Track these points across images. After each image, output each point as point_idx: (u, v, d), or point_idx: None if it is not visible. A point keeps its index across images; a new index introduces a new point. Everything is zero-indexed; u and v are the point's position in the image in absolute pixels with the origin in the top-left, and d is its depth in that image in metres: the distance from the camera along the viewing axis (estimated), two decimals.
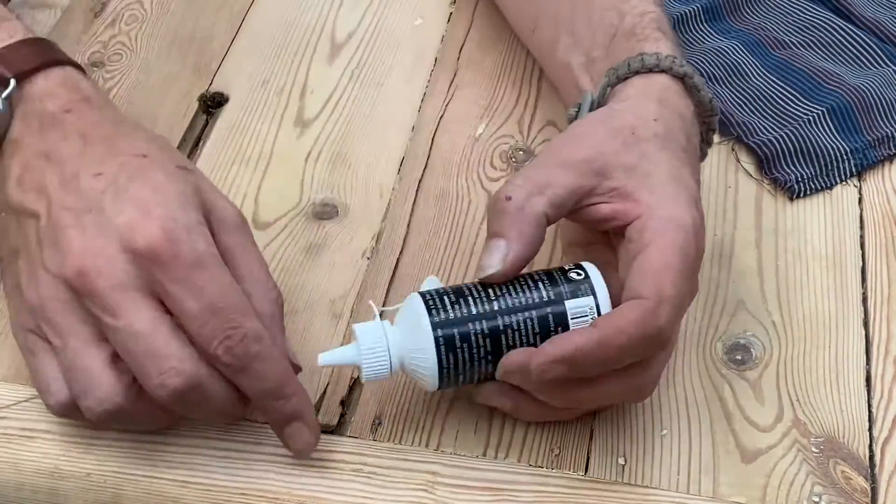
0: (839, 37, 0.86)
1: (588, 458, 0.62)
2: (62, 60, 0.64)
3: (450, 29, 0.88)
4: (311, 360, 0.65)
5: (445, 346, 0.57)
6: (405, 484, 0.60)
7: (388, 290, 0.69)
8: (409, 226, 0.73)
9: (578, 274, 0.57)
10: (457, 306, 0.57)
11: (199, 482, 0.60)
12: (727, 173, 0.78)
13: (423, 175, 0.76)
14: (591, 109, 0.66)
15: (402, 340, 0.58)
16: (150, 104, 0.80)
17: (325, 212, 0.74)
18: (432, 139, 0.79)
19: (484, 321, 0.56)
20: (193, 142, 0.78)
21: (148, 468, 0.60)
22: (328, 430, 0.62)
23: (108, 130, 0.60)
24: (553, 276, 0.58)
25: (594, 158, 0.59)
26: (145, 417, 0.57)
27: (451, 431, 0.63)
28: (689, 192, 0.59)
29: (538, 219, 0.58)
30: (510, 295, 0.57)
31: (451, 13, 0.89)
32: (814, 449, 0.63)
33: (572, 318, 0.56)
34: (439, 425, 0.63)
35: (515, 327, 0.56)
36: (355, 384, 0.65)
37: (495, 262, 0.57)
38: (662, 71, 0.65)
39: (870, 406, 0.65)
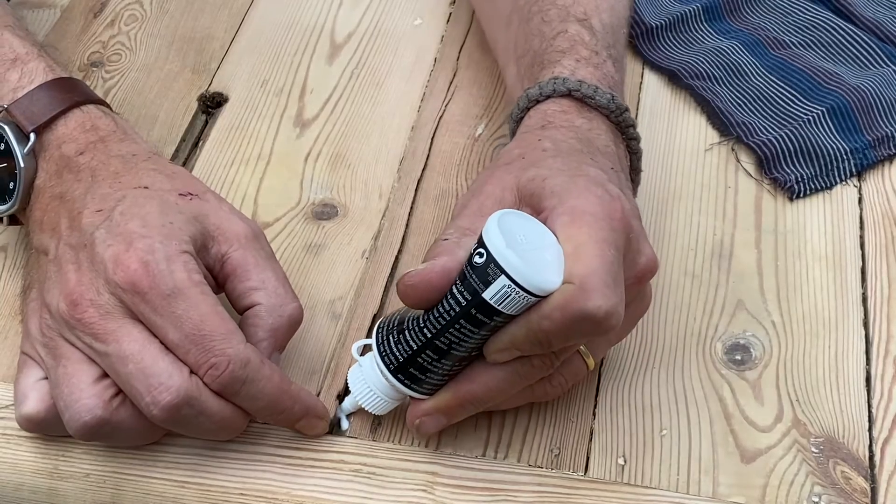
0: (839, 37, 0.86)
1: (588, 458, 0.62)
2: (80, 101, 0.65)
3: (449, 29, 0.88)
4: (309, 362, 0.65)
5: (410, 381, 0.58)
6: (405, 484, 0.60)
7: (386, 290, 0.69)
8: (407, 226, 0.73)
9: (481, 255, 0.55)
10: (400, 346, 0.58)
11: (198, 482, 0.60)
12: (727, 173, 0.78)
13: (422, 175, 0.76)
14: None
15: (379, 381, 0.59)
16: (150, 104, 0.80)
17: (325, 212, 0.74)
18: (432, 139, 0.79)
19: (428, 350, 0.57)
20: (193, 142, 0.78)
21: (147, 468, 0.60)
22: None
23: (117, 166, 0.62)
24: (462, 272, 0.56)
25: (502, 197, 0.60)
26: (129, 432, 0.58)
27: (451, 431, 0.62)
28: (588, 178, 0.59)
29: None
30: (434, 315, 0.57)
31: (450, 13, 0.89)
32: (813, 449, 0.63)
33: (499, 305, 0.55)
34: None
35: (457, 339, 0.56)
36: None
37: (420, 267, 0.57)
38: (548, 96, 0.66)
39: (870, 406, 0.65)
